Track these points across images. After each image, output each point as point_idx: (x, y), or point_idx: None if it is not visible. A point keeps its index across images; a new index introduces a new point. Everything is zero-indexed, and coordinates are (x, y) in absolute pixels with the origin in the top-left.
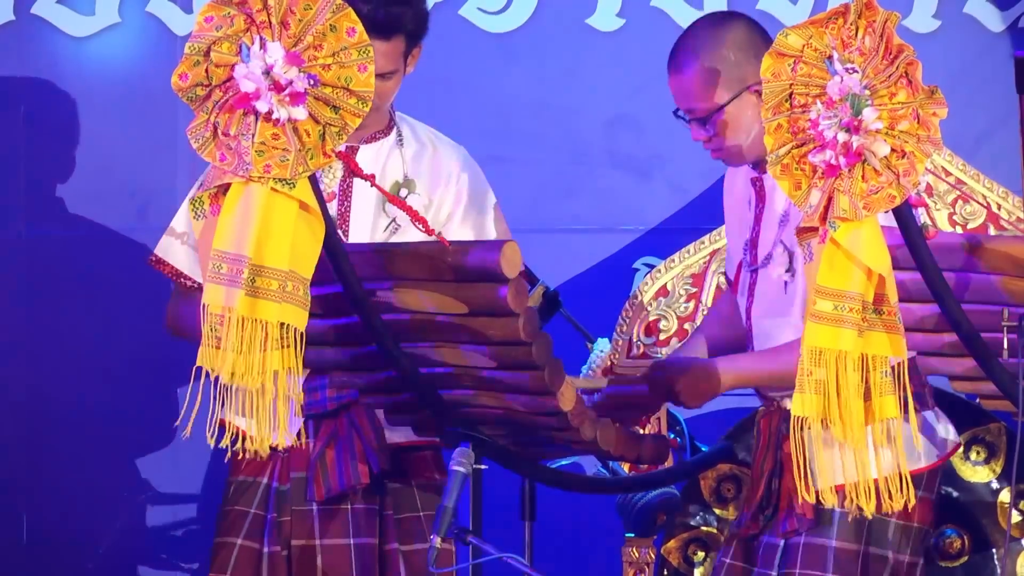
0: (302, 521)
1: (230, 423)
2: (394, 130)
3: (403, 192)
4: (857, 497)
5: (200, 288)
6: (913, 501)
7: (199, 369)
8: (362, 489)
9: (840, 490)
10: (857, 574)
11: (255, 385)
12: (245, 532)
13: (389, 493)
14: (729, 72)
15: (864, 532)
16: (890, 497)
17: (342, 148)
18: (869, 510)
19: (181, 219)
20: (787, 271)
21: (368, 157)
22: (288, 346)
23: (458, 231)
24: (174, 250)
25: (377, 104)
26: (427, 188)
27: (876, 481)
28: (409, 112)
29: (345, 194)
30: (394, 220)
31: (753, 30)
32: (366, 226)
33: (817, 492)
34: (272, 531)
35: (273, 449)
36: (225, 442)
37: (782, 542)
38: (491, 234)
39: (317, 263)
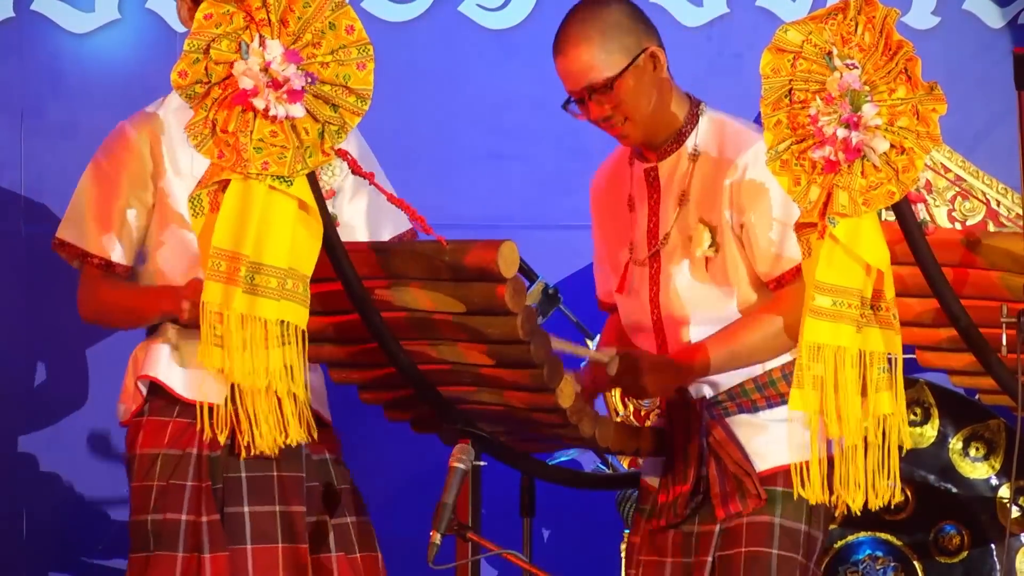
0: (233, 488)
1: (216, 406)
2: None
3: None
4: (843, 484)
5: (123, 270)
6: (898, 497)
7: None
8: (286, 459)
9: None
10: (800, 553)
11: (259, 384)
12: (187, 507)
13: (312, 465)
14: (622, 38)
15: (804, 512)
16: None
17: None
18: (856, 504)
19: (90, 196)
20: (710, 246)
21: None
22: (289, 343)
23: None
24: (80, 231)
25: None
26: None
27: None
28: (408, 108)
29: None
30: None
31: (632, 4)
32: None
33: (761, 475)
34: (210, 500)
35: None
36: (223, 431)
37: (718, 527)
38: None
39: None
